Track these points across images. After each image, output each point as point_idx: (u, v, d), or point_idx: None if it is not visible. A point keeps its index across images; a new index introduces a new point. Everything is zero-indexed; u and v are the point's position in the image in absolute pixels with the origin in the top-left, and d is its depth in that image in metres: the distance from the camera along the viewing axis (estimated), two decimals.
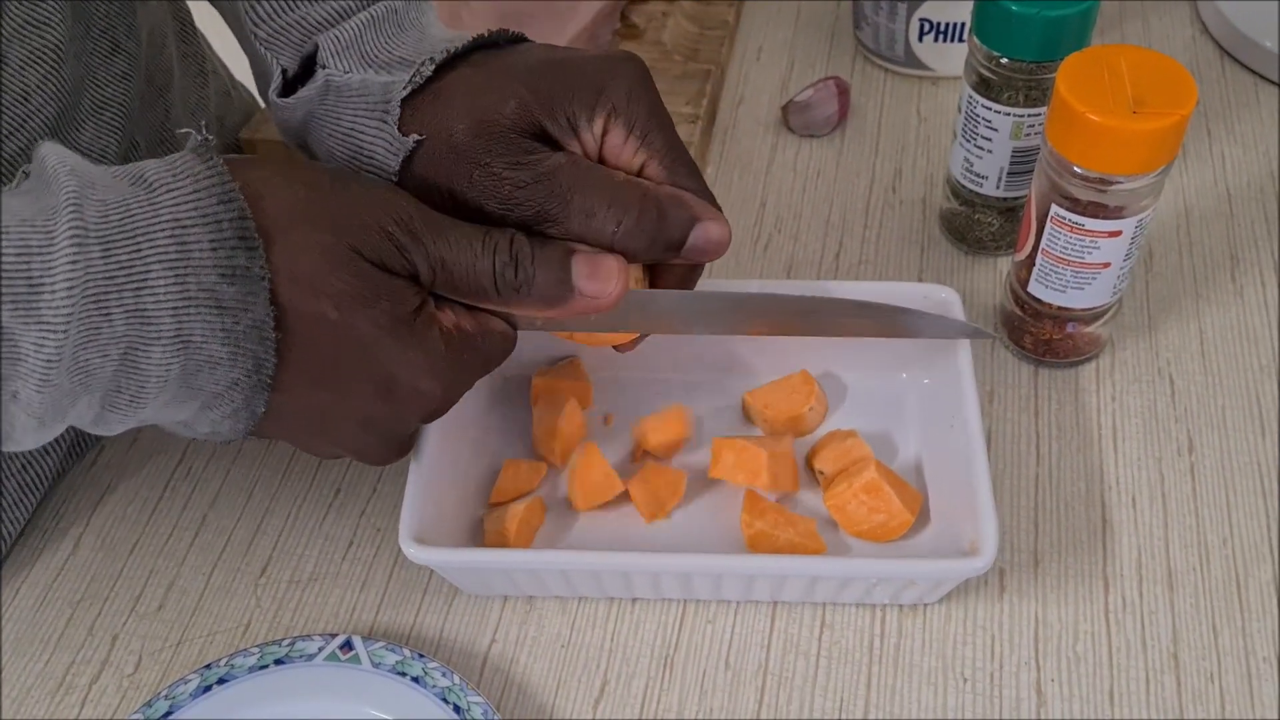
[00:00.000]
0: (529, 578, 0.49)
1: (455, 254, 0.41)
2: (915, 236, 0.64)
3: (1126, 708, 0.47)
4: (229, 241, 0.37)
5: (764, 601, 0.50)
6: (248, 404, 0.40)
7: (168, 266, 0.36)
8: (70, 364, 0.36)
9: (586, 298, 0.42)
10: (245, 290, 0.38)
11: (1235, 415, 0.55)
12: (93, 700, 0.49)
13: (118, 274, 0.36)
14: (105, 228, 0.36)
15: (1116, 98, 0.47)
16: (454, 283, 0.42)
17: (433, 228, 0.41)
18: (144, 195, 0.37)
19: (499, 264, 0.41)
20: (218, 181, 0.38)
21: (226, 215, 0.38)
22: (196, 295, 0.37)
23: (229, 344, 0.38)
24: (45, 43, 0.48)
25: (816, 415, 0.54)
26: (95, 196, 0.36)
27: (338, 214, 0.40)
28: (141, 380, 0.37)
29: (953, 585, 0.48)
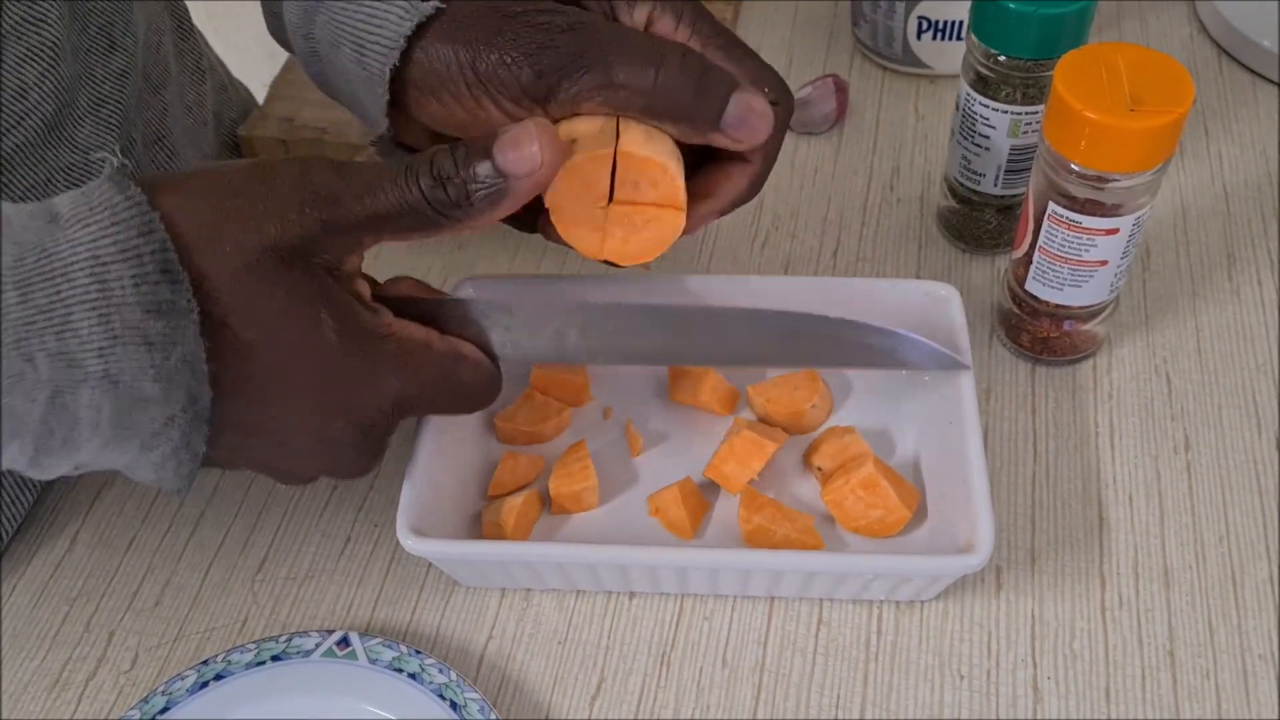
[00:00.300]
0: (525, 570, 0.49)
1: (384, 201, 0.39)
2: (913, 234, 0.64)
3: (1122, 705, 0.47)
4: (151, 276, 0.36)
5: (761, 598, 0.50)
6: (186, 441, 0.39)
7: (89, 307, 0.35)
8: None
9: (520, 177, 0.39)
10: (172, 324, 0.36)
11: (1232, 414, 0.55)
12: (89, 696, 0.49)
13: (37, 318, 0.35)
14: (20, 270, 0.34)
15: (1114, 96, 0.47)
16: (395, 228, 0.40)
17: (353, 186, 0.39)
18: (59, 233, 0.36)
19: (426, 187, 0.39)
20: (136, 213, 0.36)
21: (147, 248, 0.36)
22: (122, 333, 0.36)
23: (160, 380, 0.37)
24: (43, 40, 0.48)
25: (819, 413, 0.54)
26: (10, 238, 0.35)
27: (254, 218, 0.38)
28: (71, 423, 0.36)
29: (949, 582, 0.48)
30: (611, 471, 0.53)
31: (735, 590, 0.50)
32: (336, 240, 0.39)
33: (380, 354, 0.41)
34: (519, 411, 0.54)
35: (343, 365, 0.40)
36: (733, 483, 0.51)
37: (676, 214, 0.43)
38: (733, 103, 0.42)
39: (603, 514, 0.52)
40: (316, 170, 0.39)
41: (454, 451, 0.51)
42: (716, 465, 0.51)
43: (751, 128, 0.42)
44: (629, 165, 0.41)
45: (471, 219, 0.40)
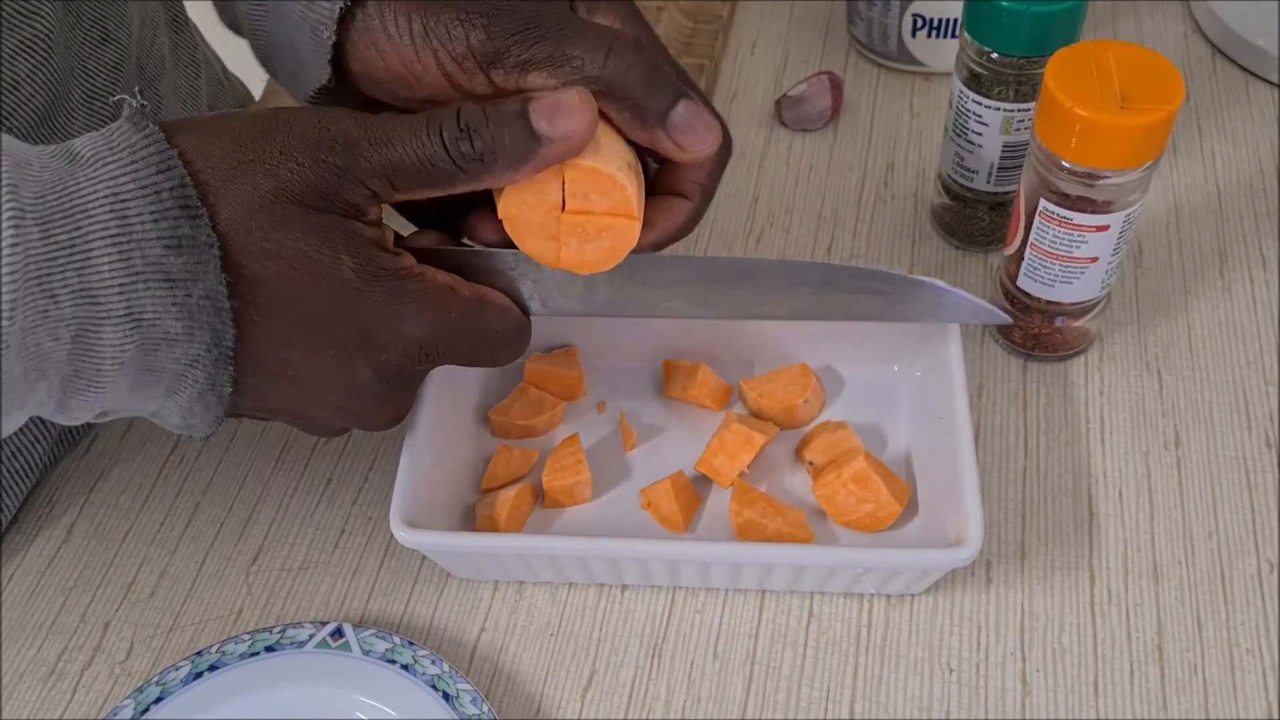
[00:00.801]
0: (518, 563, 0.49)
1: (401, 151, 0.39)
2: (906, 231, 0.64)
3: (1111, 698, 0.47)
4: (170, 211, 0.36)
5: (752, 591, 0.50)
6: (212, 383, 0.39)
7: (110, 242, 0.35)
8: (20, 349, 0.35)
9: (555, 142, 0.39)
10: (193, 260, 0.37)
11: (1222, 410, 0.55)
12: (84, 686, 0.49)
13: (58, 254, 0.35)
14: (42, 208, 0.35)
15: (1104, 93, 0.47)
16: (412, 178, 0.39)
17: (371, 135, 0.39)
18: (80, 172, 0.36)
19: (449, 139, 0.39)
20: (155, 150, 0.36)
21: (166, 184, 0.36)
22: (143, 270, 0.36)
23: (183, 318, 0.37)
24: (35, 32, 0.48)
25: (811, 409, 0.54)
26: (30, 175, 0.35)
27: (270, 160, 0.38)
28: (97, 362, 0.36)
29: (938, 576, 0.49)
30: (604, 466, 0.53)
31: (726, 583, 0.50)
32: (353, 188, 0.39)
33: (403, 294, 0.40)
34: (513, 405, 0.54)
35: (363, 306, 0.40)
36: (724, 476, 0.51)
37: (630, 223, 0.42)
38: (682, 105, 0.42)
39: (595, 508, 0.52)
40: (335, 118, 0.39)
41: (448, 444, 0.52)
42: (708, 459, 0.51)
43: (698, 135, 0.42)
44: (576, 176, 0.41)
45: (490, 176, 0.40)
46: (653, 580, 0.50)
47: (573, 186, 0.41)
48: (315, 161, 0.38)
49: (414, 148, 0.39)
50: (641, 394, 0.56)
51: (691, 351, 0.56)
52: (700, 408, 0.55)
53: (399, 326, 0.41)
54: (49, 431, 0.54)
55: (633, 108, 0.41)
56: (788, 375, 0.54)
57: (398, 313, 0.40)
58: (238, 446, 0.56)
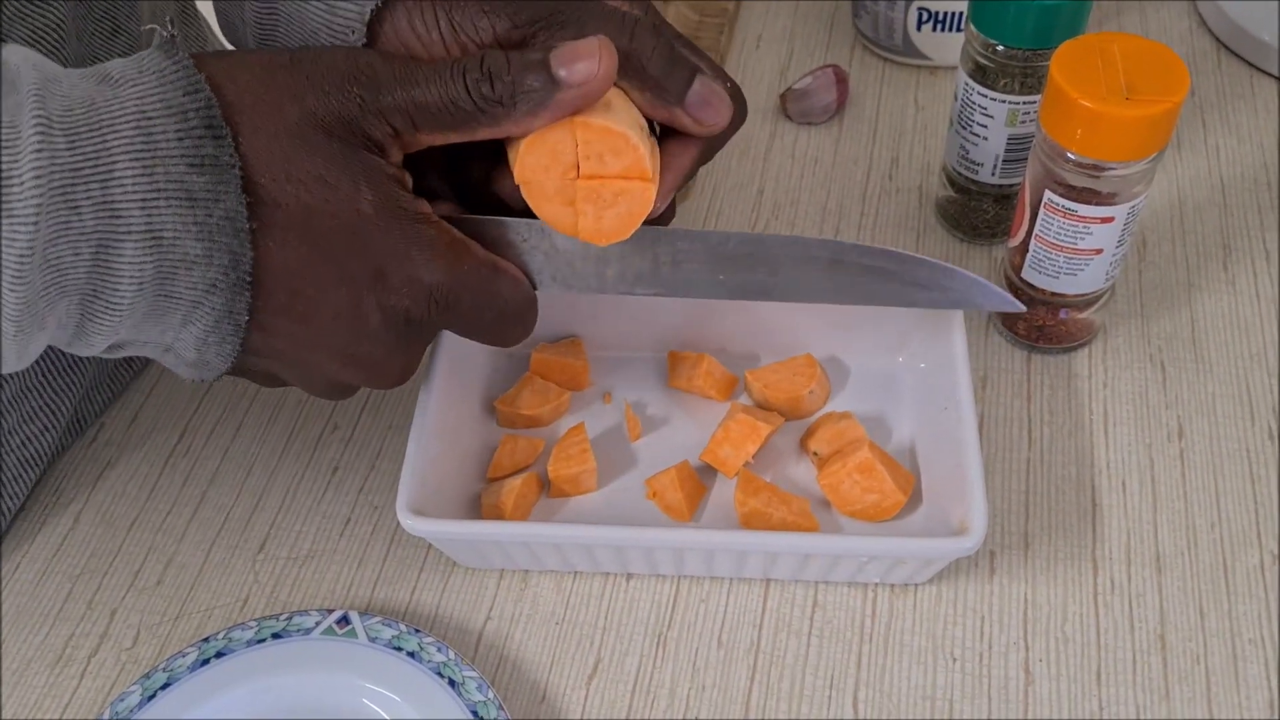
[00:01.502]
0: (523, 551, 0.49)
1: (425, 90, 0.40)
2: (911, 223, 0.64)
3: (1113, 688, 0.47)
4: (195, 130, 0.37)
5: (756, 581, 0.50)
6: (230, 310, 0.39)
7: (134, 158, 0.36)
8: (42, 261, 0.35)
9: (574, 87, 0.40)
10: (215, 180, 0.37)
11: (1225, 402, 0.56)
12: (91, 673, 0.49)
13: (83, 166, 0.35)
14: (69, 120, 0.35)
15: (1109, 84, 0.48)
16: (433, 118, 0.40)
17: (397, 72, 0.40)
18: (109, 90, 0.37)
19: (471, 81, 0.39)
20: (183, 75, 0.37)
21: (192, 105, 0.37)
22: (165, 187, 0.36)
23: (203, 239, 0.37)
24: (47, 21, 0.48)
25: (816, 399, 0.54)
26: (59, 91, 0.36)
27: (298, 88, 0.39)
28: (116, 280, 0.37)
29: (942, 565, 0.49)
30: (610, 455, 0.54)
31: (731, 572, 0.50)
32: (376, 122, 0.40)
33: (418, 237, 0.41)
34: (519, 395, 0.54)
35: (378, 242, 0.40)
36: (729, 466, 0.51)
37: (645, 185, 0.42)
38: (698, 82, 0.43)
39: (601, 496, 0.52)
40: (363, 55, 0.40)
41: (454, 434, 0.52)
42: (712, 449, 0.52)
43: (714, 109, 0.43)
44: (589, 136, 0.41)
45: (510, 120, 0.40)
46: (658, 569, 0.50)
47: (586, 148, 0.41)
48: (341, 91, 0.39)
49: (438, 87, 0.40)
50: (647, 384, 0.56)
51: (697, 342, 0.56)
52: (705, 398, 0.55)
53: (411, 270, 0.41)
54: (57, 421, 0.54)
55: (653, 88, 0.43)
56: (793, 366, 0.54)
57: (411, 255, 0.41)
58: (244, 435, 0.57)
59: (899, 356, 0.55)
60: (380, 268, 0.41)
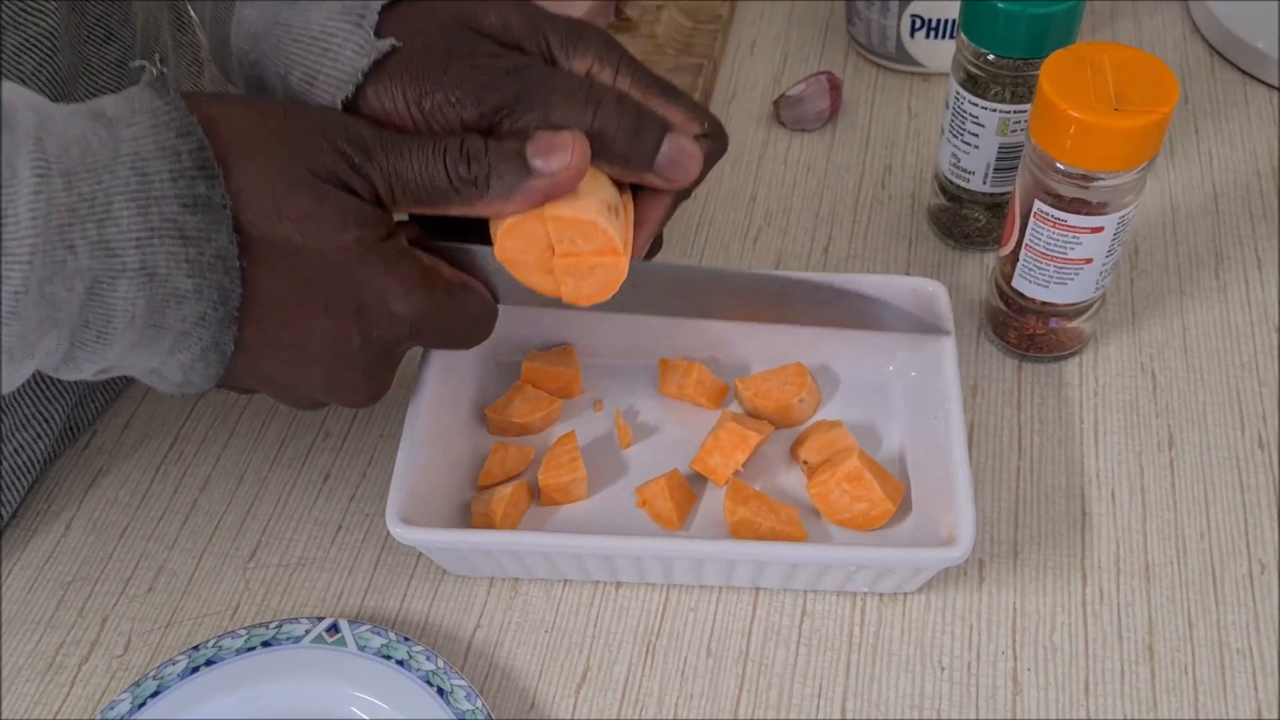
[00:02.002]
0: (513, 560, 0.49)
1: (408, 162, 0.41)
2: (903, 231, 0.64)
3: (1101, 697, 0.47)
4: (188, 171, 0.38)
5: (745, 590, 0.50)
6: (216, 342, 0.41)
7: (130, 198, 0.37)
8: (36, 297, 0.36)
9: (546, 176, 0.41)
10: (208, 219, 0.38)
11: (1215, 411, 0.56)
12: (82, 680, 0.49)
13: (80, 206, 0.36)
14: (66, 161, 0.36)
15: (1099, 95, 0.48)
16: (411, 191, 0.42)
17: (384, 142, 0.42)
18: (104, 130, 0.38)
19: (450, 162, 0.41)
20: (176, 116, 0.38)
21: (185, 147, 0.38)
22: (159, 226, 0.37)
23: (194, 275, 0.39)
24: (40, 29, 0.48)
25: (807, 408, 0.55)
26: (55, 130, 0.37)
27: (291, 136, 0.40)
28: (108, 315, 0.38)
29: (930, 574, 0.49)
30: (600, 463, 0.54)
31: (720, 581, 0.50)
32: (360, 183, 0.41)
33: (399, 268, 0.42)
34: (510, 403, 0.55)
35: (362, 276, 0.41)
36: (719, 474, 0.52)
37: (616, 259, 0.44)
38: (666, 143, 0.44)
39: (591, 505, 0.52)
40: (354, 121, 0.42)
41: (444, 442, 0.52)
42: (703, 458, 0.52)
43: (684, 168, 0.44)
44: (559, 225, 0.43)
45: (483, 202, 0.42)
46: (647, 578, 0.50)
47: (558, 234, 0.43)
48: (332, 146, 0.41)
49: (419, 162, 0.42)
50: (638, 392, 0.56)
51: (688, 351, 0.56)
52: (696, 405, 0.55)
53: (391, 303, 0.42)
54: (50, 428, 0.55)
55: (621, 158, 0.44)
56: (783, 374, 0.55)
57: (392, 289, 0.42)
58: (236, 443, 0.57)
59: (889, 365, 0.55)
60: (361, 302, 0.42)
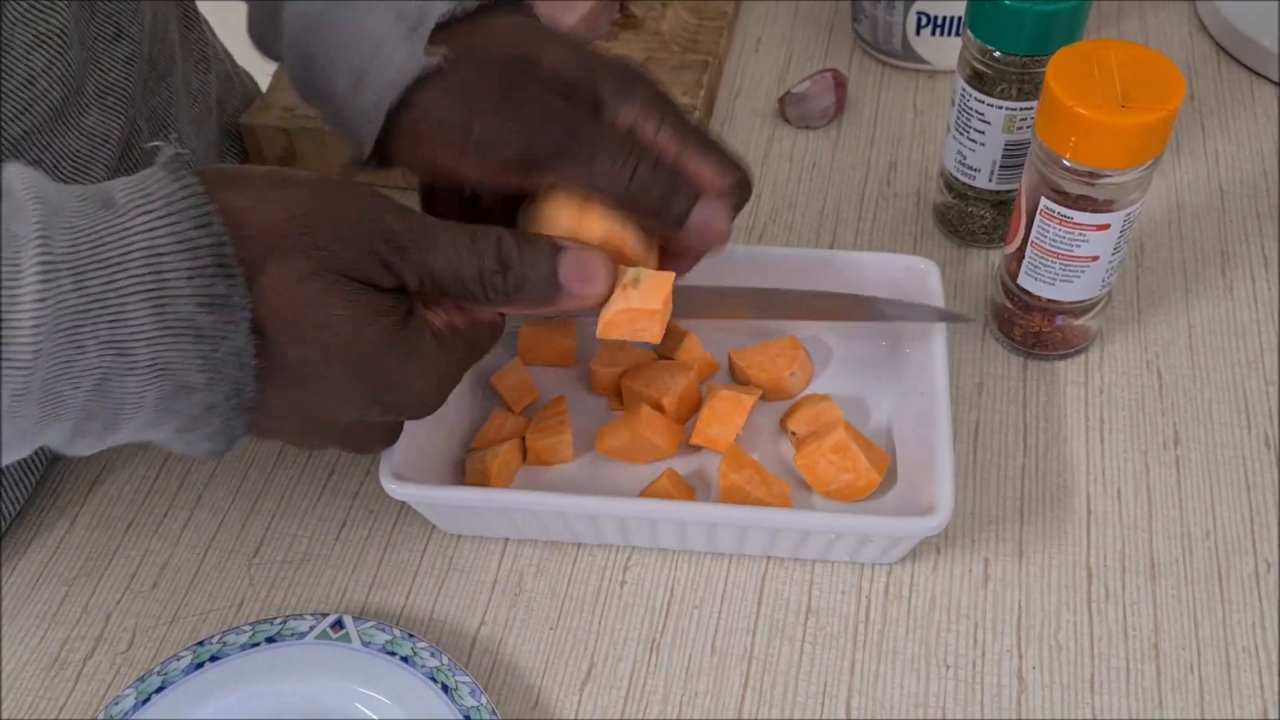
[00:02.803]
0: (501, 517, 0.50)
1: (443, 263, 0.41)
2: (909, 228, 0.64)
3: (1106, 696, 0.47)
4: (207, 270, 0.36)
5: (750, 587, 0.51)
6: (226, 427, 0.39)
7: (144, 297, 0.35)
8: (40, 395, 0.35)
9: (575, 296, 0.42)
10: (224, 319, 0.37)
11: (1221, 409, 0.56)
12: (87, 675, 0.49)
13: (91, 306, 0.34)
14: (76, 258, 0.34)
15: (1105, 92, 0.48)
16: (443, 289, 0.41)
17: (419, 238, 0.40)
18: (115, 220, 0.35)
19: (487, 269, 0.41)
20: (193, 204, 0.36)
21: (204, 241, 0.36)
22: (174, 325, 0.36)
23: (207, 370, 0.37)
24: (50, 26, 0.48)
25: (798, 381, 0.55)
26: (63, 224, 0.35)
27: (320, 238, 0.39)
28: (115, 407, 0.37)
29: (911, 544, 0.49)
30: (591, 428, 0.55)
31: (703, 545, 0.51)
32: (391, 279, 0.40)
33: (420, 351, 0.42)
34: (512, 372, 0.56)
35: (380, 369, 0.41)
36: (720, 443, 0.53)
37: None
38: (697, 210, 0.44)
39: (576, 466, 0.54)
40: (389, 213, 0.40)
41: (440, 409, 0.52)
42: (701, 429, 0.53)
43: (709, 237, 0.45)
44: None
45: (509, 306, 0.42)
46: (630, 539, 0.51)
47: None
48: (366, 247, 0.39)
49: (453, 262, 0.41)
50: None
51: (684, 322, 0.57)
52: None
53: (409, 384, 0.42)
54: None
55: (654, 217, 0.44)
56: (777, 347, 0.55)
57: (412, 371, 0.42)
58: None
59: (882, 341, 0.56)
60: (379, 392, 0.41)
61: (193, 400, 0.38)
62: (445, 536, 0.53)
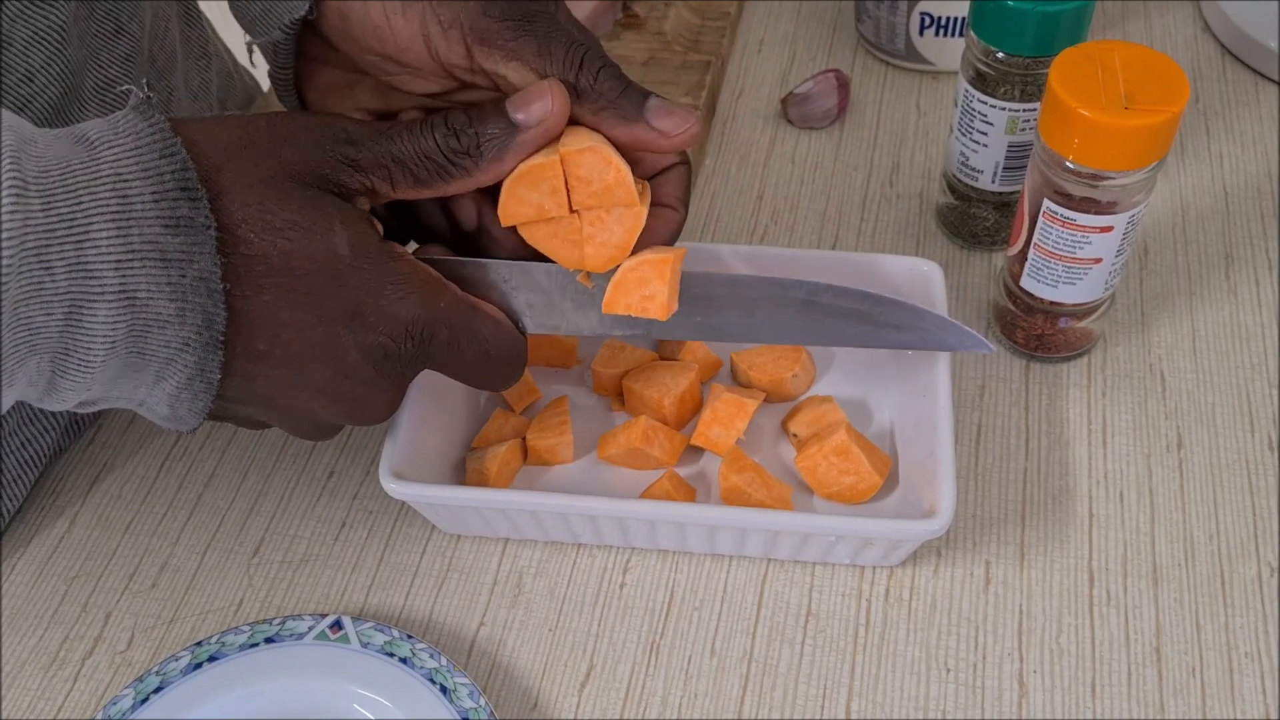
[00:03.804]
0: (501, 517, 0.50)
1: (400, 147, 0.42)
2: (911, 230, 0.64)
3: (1108, 700, 0.47)
4: (171, 193, 0.37)
5: (750, 589, 0.50)
6: (201, 369, 0.39)
7: (109, 219, 0.36)
8: (12, 320, 0.35)
9: (532, 126, 0.42)
10: (190, 241, 0.37)
11: (1225, 413, 0.55)
12: (85, 675, 0.49)
13: (58, 227, 0.35)
14: (45, 182, 0.35)
15: (1109, 94, 0.47)
16: (410, 173, 0.42)
17: (373, 133, 0.42)
18: (85, 152, 0.37)
19: (440, 137, 0.42)
20: (160, 137, 0.38)
21: (168, 168, 0.37)
22: (140, 248, 0.37)
23: (176, 299, 0.37)
24: (49, 23, 0.48)
25: (800, 383, 0.55)
26: (34, 152, 0.36)
27: (276, 146, 0.40)
28: (89, 341, 0.37)
29: (911, 547, 0.49)
30: (591, 430, 0.55)
31: (704, 547, 0.51)
32: (353, 177, 0.41)
33: (392, 273, 0.42)
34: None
35: (353, 282, 0.41)
36: (721, 445, 0.52)
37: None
38: (653, 100, 0.44)
39: (577, 468, 0.53)
40: (337, 118, 0.43)
41: (440, 403, 0.53)
42: (702, 431, 0.52)
43: (678, 118, 0.44)
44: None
45: (480, 169, 0.43)
46: (631, 541, 0.51)
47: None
48: (318, 147, 0.41)
49: (410, 142, 0.42)
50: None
51: None
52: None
53: (387, 305, 0.42)
54: (55, 423, 0.55)
55: (610, 106, 0.44)
56: (779, 349, 0.55)
57: (386, 291, 0.42)
58: (240, 440, 0.57)
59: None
60: (356, 306, 0.41)
61: (166, 336, 0.38)
62: (444, 537, 0.53)
